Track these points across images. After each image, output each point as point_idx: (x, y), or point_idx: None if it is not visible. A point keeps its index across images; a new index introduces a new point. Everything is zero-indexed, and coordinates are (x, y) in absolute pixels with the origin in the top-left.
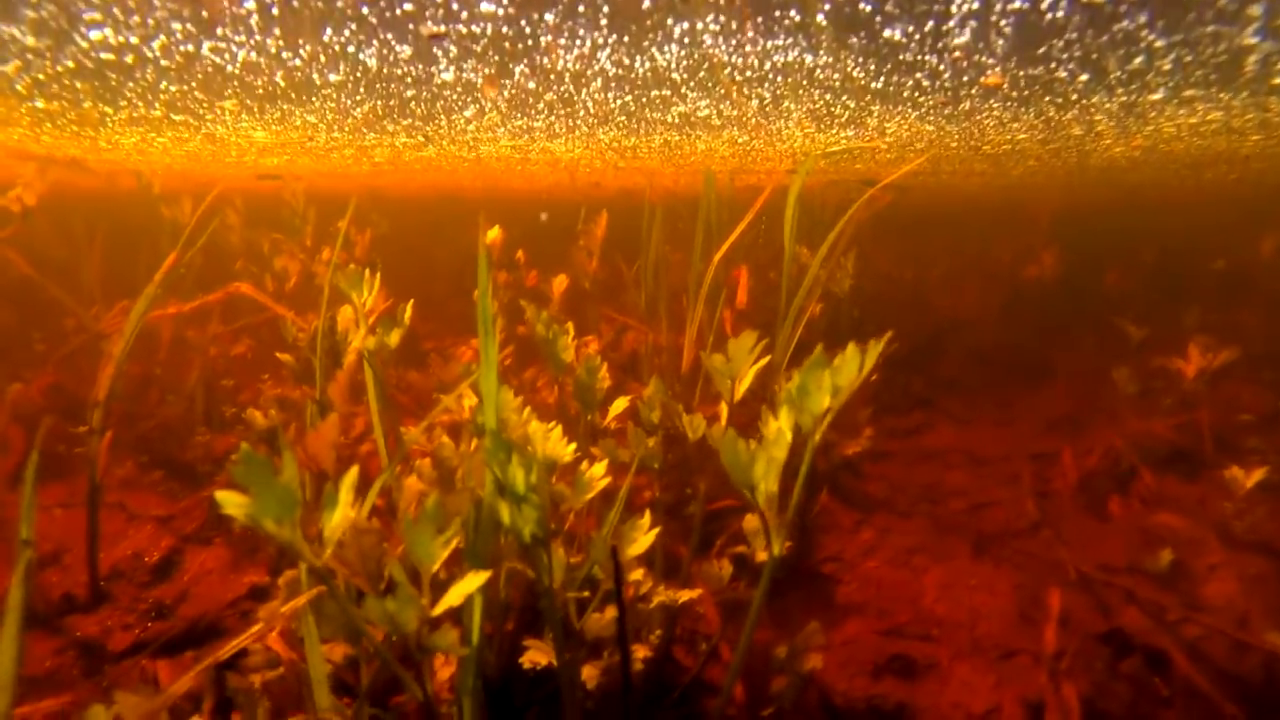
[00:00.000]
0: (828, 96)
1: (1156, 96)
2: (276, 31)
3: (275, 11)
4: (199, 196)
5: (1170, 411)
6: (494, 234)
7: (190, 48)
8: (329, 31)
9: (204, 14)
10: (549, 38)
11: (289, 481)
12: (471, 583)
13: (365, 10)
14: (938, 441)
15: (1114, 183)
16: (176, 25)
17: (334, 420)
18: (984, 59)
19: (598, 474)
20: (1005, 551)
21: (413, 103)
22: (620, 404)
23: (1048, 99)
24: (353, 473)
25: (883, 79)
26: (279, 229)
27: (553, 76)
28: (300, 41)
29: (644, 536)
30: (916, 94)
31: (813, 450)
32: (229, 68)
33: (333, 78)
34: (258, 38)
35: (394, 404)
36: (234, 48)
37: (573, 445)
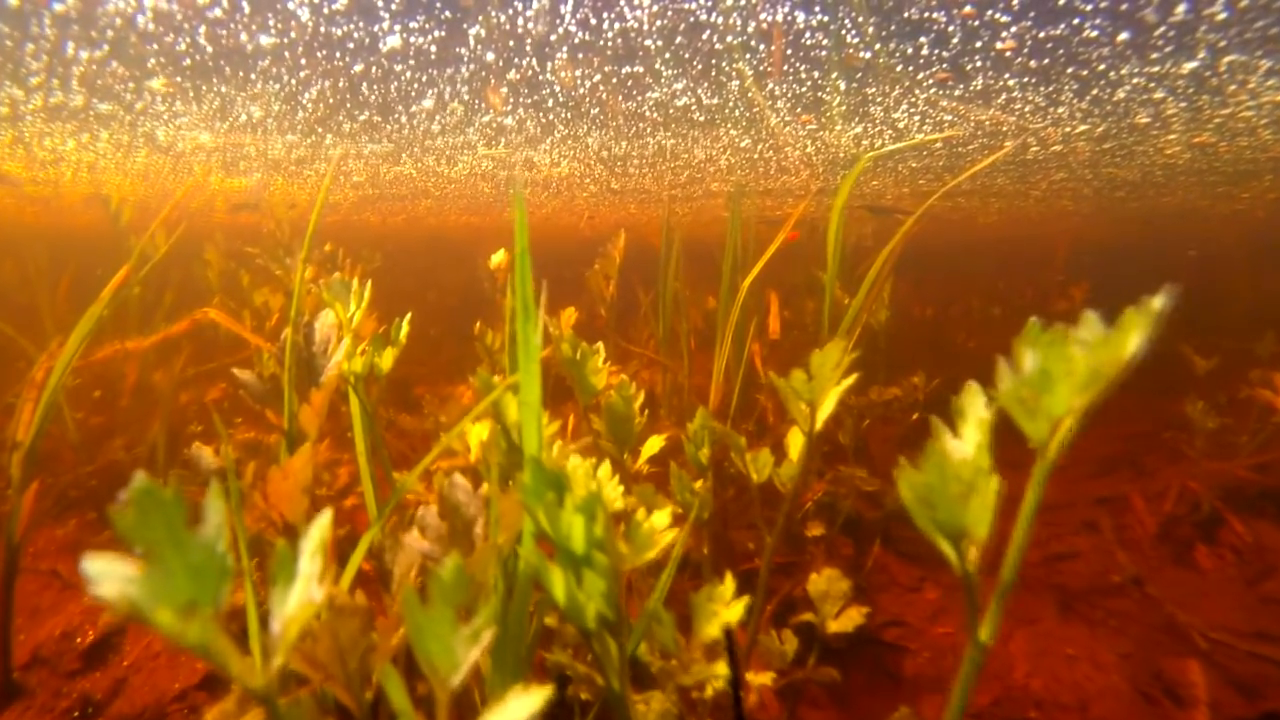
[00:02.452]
0: (839, 77)
1: (1192, 66)
2: None
3: None
4: (172, 229)
5: (1246, 450)
6: (500, 257)
7: None
8: None
9: None
10: None
11: (209, 540)
12: (521, 709)
13: None
14: None
15: (1142, 209)
16: None
17: (305, 454)
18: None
19: (660, 525)
20: (1097, 613)
21: (364, 85)
22: (655, 443)
23: (1071, 70)
24: (324, 523)
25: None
26: (259, 259)
27: (513, 43)
28: None
29: (726, 610)
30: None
31: (1044, 477)
32: (139, 19)
33: (264, 40)
34: None
35: (385, 447)
36: None
37: (621, 488)
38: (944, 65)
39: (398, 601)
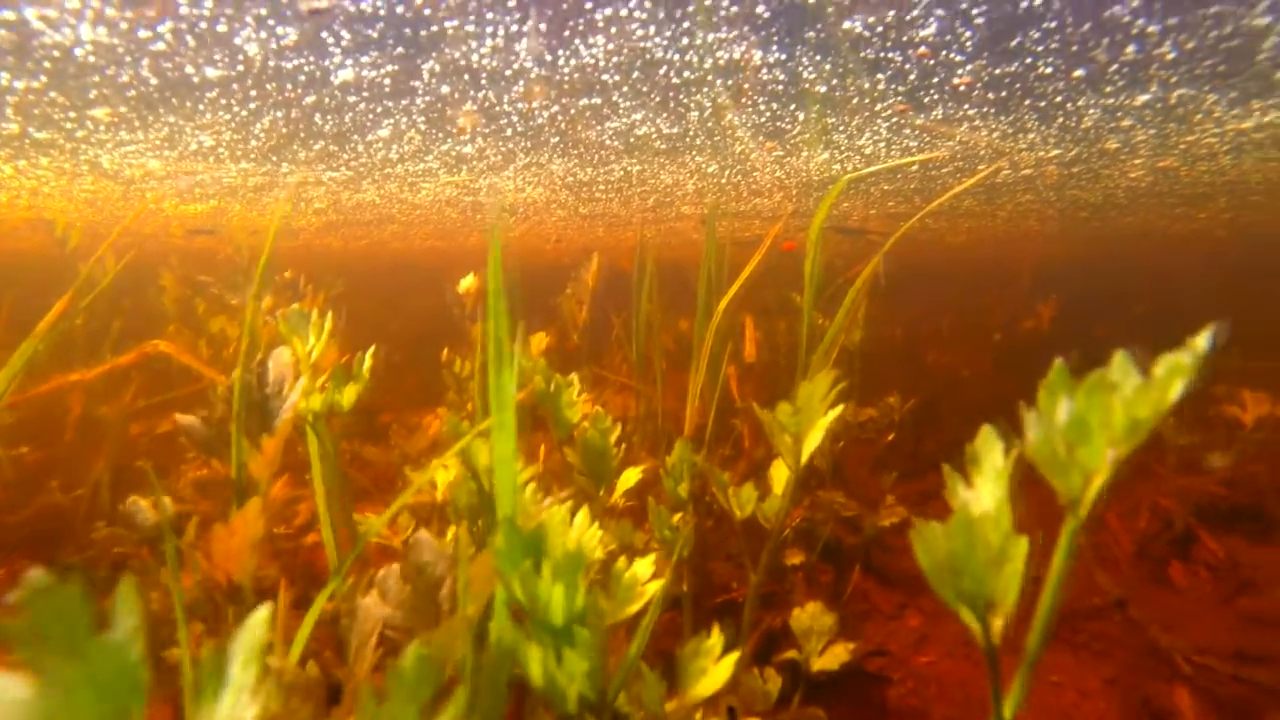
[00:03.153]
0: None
1: (1145, 98)
2: None
3: None
4: (122, 254)
5: (1215, 465)
6: (469, 282)
7: (8, 13)
8: (183, 4)
9: None
10: (454, 21)
11: (120, 647)
12: None
13: None
14: None
15: (1104, 228)
16: None
17: (255, 509)
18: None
19: (643, 574)
20: (1080, 636)
21: (317, 115)
22: (632, 475)
23: (1029, 102)
24: (259, 624)
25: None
26: (214, 288)
27: (468, 77)
28: (150, 14)
29: (717, 668)
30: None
31: (1073, 537)
32: (77, 51)
33: (211, 73)
34: (95, 5)
35: (347, 483)
36: (69, 18)
37: (596, 526)
38: (900, 98)
39: (355, 678)
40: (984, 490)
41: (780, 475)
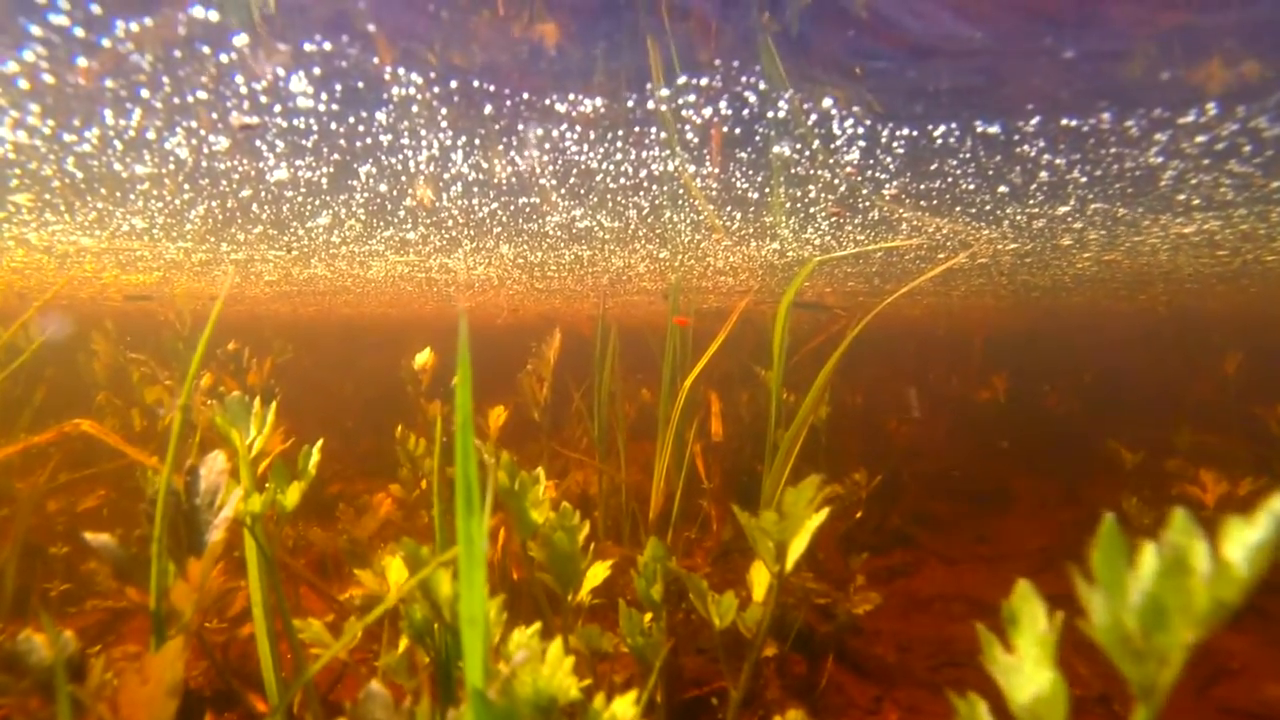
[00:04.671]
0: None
1: (1065, 208)
2: (34, 108)
3: (23, 85)
4: (49, 321)
5: None
6: (426, 358)
7: None
8: (109, 114)
9: None
10: (388, 136)
11: None
12: None
13: (145, 94)
14: (931, 585)
15: (1055, 306)
16: None
17: (175, 650)
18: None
19: (624, 716)
20: None
21: (254, 206)
22: (599, 571)
23: (959, 209)
24: None
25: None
26: (149, 364)
27: (405, 179)
28: (77, 123)
29: None
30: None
31: None
32: None
33: (140, 170)
34: (13, 114)
35: (288, 573)
36: None
37: (570, 660)
38: (832, 202)
39: None
40: (1027, 658)
41: (761, 580)
